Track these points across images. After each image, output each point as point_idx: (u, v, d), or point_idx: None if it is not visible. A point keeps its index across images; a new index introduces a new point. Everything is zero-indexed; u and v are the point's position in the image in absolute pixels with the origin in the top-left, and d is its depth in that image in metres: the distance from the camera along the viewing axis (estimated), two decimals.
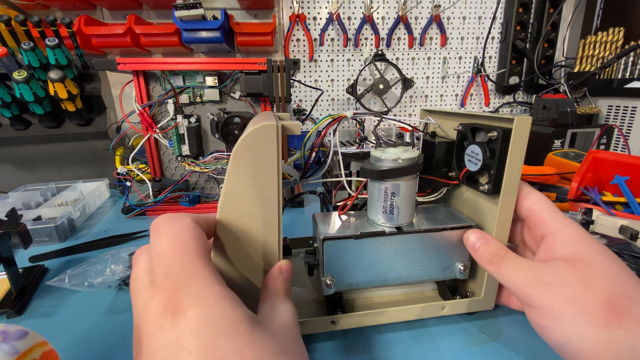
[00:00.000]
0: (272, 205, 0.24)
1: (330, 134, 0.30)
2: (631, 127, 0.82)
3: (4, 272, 0.36)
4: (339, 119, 0.30)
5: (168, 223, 0.19)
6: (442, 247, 0.30)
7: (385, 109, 0.94)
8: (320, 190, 0.39)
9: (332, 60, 0.92)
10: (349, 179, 0.33)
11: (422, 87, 0.98)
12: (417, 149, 0.34)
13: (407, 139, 0.34)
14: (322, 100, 0.95)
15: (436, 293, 0.34)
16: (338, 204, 0.34)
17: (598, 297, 0.19)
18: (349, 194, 0.32)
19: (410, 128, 0.34)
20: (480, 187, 0.29)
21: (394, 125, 0.89)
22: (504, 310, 0.33)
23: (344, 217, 0.32)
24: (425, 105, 1.00)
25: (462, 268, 0.31)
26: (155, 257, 0.18)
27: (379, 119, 0.34)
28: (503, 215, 0.28)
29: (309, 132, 0.31)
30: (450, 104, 1.01)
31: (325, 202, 0.38)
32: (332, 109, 0.97)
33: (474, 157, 0.29)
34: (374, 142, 0.32)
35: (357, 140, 0.37)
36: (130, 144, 0.70)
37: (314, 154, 0.31)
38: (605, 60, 0.85)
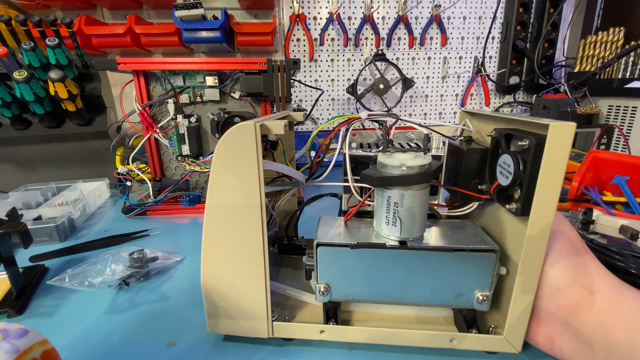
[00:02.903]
0: (255, 199, 0.26)
1: (339, 135, 0.29)
2: (631, 127, 0.82)
3: (5, 272, 0.36)
4: (350, 120, 0.29)
5: None
6: (456, 270, 0.26)
7: (385, 109, 0.94)
8: (342, 193, 0.36)
9: (332, 60, 0.92)
10: (357, 184, 0.31)
11: (422, 87, 0.98)
12: (432, 155, 0.30)
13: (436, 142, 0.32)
14: (322, 100, 0.95)
15: (451, 321, 0.30)
16: (350, 208, 0.32)
17: (568, 241, 0.26)
18: (360, 200, 0.30)
19: (418, 128, 0.31)
20: (508, 206, 0.25)
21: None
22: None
23: (350, 224, 0.30)
24: (425, 105, 1.00)
25: (481, 298, 0.26)
26: None
27: (393, 120, 0.30)
28: (531, 243, 0.24)
29: (313, 133, 0.31)
30: (450, 104, 1.01)
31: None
32: (333, 109, 0.97)
33: (505, 168, 0.25)
34: (398, 145, 0.30)
35: (381, 143, 0.34)
36: (130, 143, 0.70)
37: (320, 154, 0.30)
38: (606, 60, 0.85)
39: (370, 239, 0.27)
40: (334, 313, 0.30)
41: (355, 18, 0.90)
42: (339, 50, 0.92)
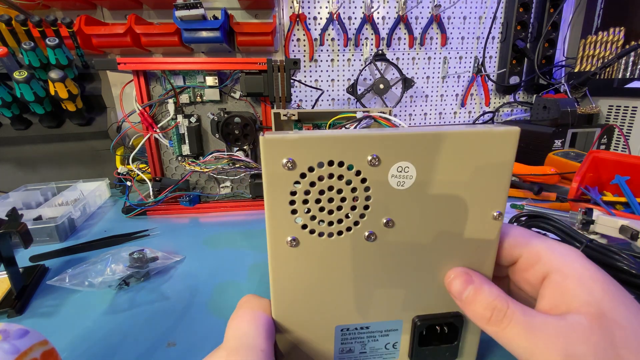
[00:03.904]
0: None
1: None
2: (631, 127, 0.82)
3: (5, 272, 0.36)
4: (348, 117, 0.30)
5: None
6: None
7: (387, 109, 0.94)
8: None
9: (332, 60, 0.92)
10: None
11: (422, 87, 0.98)
12: None
13: None
14: (322, 100, 0.95)
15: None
16: None
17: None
18: None
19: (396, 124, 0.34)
20: None
21: None
22: None
23: None
24: (426, 105, 1.00)
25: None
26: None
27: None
28: None
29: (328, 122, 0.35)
30: (451, 104, 1.01)
31: None
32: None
33: None
34: None
35: None
36: (130, 143, 0.70)
37: None
38: (606, 60, 0.85)
39: None
40: None
41: (355, 18, 0.90)
42: (339, 50, 0.92)
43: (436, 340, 0.24)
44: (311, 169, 0.18)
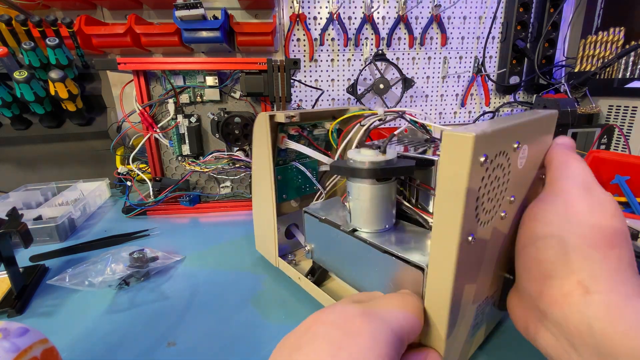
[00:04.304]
0: (267, 173, 0.35)
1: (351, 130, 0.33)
2: (632, 127, 0.82)
3: (5, 272, 0.36)
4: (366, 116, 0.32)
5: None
6: (389, 273, 0.25)
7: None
8: None
9: (332, 60, 0.92)
10: None
11: (422, 87, 0.98)
12: (410, 156, 0.28)
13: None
14: (322, 100, 0.95)
15: None
16: None
17: (607, 223, 0.21)
18: None
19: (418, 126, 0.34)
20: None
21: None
22: None
23: (345, 205, 0.33)
24: (426, 105, 1.00)
25: None
26: None
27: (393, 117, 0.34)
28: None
29: (331, 125, 0.37)
30: (451, 104, 1.01)
31: None
32: None
33: None
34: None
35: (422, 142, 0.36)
36: (130, 143, 0.70)
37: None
38: (606, 60, 0.85)
39: (335, 219, 0.30)
40: (316, 271, 0.35)
41: (355, 18, 0.90)
42: (339, 50, 0.92)
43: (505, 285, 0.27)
44: (491, 162, 0.19)
